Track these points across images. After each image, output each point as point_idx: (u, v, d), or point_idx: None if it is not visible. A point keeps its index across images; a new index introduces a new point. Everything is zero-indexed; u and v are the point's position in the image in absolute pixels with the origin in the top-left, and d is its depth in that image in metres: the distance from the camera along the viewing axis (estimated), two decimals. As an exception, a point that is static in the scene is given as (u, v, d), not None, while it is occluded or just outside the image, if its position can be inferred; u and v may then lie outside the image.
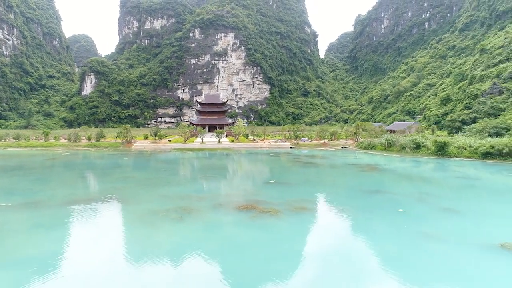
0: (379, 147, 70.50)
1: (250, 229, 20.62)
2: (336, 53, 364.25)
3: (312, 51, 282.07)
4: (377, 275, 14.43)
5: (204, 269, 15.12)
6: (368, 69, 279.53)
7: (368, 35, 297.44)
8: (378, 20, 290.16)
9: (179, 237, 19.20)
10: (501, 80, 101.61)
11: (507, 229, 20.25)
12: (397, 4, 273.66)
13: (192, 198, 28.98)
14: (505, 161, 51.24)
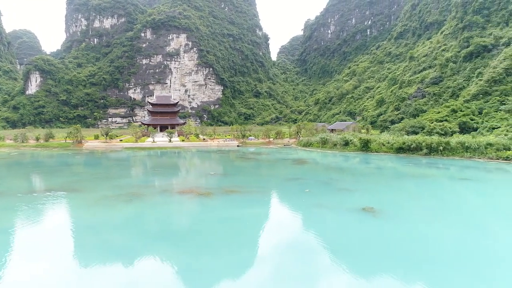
0: (315, 144, 78.86)
1: (186, 205, 26.48)
2: (288, 56, 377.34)
3: (264, 54, 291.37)
4: (279, 229, 20.95)
5: (147, 233, 20.74)
6: (316, 72, 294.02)
7: (316, 39, 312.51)
8: (325, 25, 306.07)
9: (128, 212, 24.52)
10: (424, 85, 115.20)
11: (372, 199, 27.89)
12: (342, 11, 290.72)
13: (141, 187, 34.07)
14: (413, 154, 61.18)
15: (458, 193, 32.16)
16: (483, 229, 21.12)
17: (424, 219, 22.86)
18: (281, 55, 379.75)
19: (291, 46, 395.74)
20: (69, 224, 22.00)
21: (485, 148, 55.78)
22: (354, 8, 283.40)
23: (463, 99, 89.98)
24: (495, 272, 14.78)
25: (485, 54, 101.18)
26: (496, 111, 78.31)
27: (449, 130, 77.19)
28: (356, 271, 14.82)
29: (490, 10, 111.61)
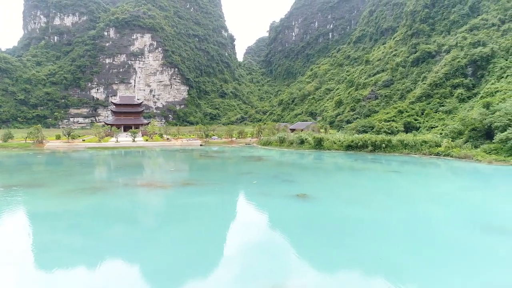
0: (274, 143, 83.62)
1: (144, 195, 29.85)
2: (254, 57, 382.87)
3: (230, 54, 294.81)
4: (225, 211, 24.87)
5: (108, 217, 24.03)
6: (281, 73, 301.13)
7: (281, 41, 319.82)
8: (290, 28, 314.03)
9: (91, 202, 27.53)
10: (377, 87, 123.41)
11: (308, 188, 32.55)
12: (306, 15, 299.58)
13: (104, 182, 36.89)
14: (360, 151, 67.20)
15: (382, 183, 37.51)
16: (391, 209, 26.08)
17: (347, 202, 27.64)
18: (247, 56, 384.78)
19: (257, 47, 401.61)
20: (33, 212, 24.76)
21: (421, 145, 62.63)
22: (317, 12, 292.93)
23: (409, 101, 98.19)
24: (394, 237, 19.46)
25: (429, 60, 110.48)
26: (435, 112, 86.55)
27: (395, 129, 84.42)
28: (286, 239, 19.03)
29: (434, 20, 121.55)
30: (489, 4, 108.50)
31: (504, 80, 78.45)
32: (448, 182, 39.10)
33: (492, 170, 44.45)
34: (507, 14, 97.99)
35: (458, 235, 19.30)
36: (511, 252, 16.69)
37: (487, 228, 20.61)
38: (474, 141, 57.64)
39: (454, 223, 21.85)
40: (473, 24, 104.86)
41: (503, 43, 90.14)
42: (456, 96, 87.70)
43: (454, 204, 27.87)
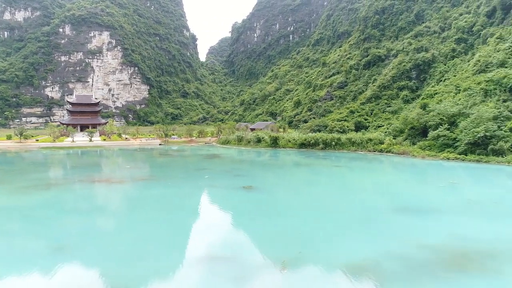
0: (233, 142, 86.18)
1: (99, 189, 31.31)
2: (217, 57, 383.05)
3: (192, 54, 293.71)
4: (176, 201, 26.99)
5: (63, 209, 25.47)
6: (243, 74, 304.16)
7: (243, 42, 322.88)
8: (252, 29, 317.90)
9: (45, 196, 28.66)
10: (332, 88, 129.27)
11: (255, 181, 35.43)
12: (267, 17, 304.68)
13: (58, 179, 37.69)
14: (312, 149, 71.32)
15: (325, 176, 41.18)
16: (325, 196, 29.41)
17: (287, 192, 30.73)
18: (210, 56, 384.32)
19: (220, 47, 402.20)
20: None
21: (366, 143, 67.74)
22: (278, 14, 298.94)
23: (360, 102, 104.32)
24: (319, 218, 22.52)
25: (379, 63, 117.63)
26: (383, 112, 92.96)
27: (346, 129, 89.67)
28: (232, 222, 21.59)
29: (384, 25, 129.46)
30: (432, 13, 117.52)
31: (442, 83, 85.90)
32: (382, 174, 43.53)
33: (423, 164, 49.65)
34: (447, 22, 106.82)
35: (377, 215, 22.74)
36: (415, 224, 20.23)
37: (404, 209, 24.21)
38: (412, 139, 63.34)
39: (378, 206, 25.38)
40: (418, 31, 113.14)
41: (442, 49, 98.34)
42: (401, 98, 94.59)
43: (382, 191, 31.78)
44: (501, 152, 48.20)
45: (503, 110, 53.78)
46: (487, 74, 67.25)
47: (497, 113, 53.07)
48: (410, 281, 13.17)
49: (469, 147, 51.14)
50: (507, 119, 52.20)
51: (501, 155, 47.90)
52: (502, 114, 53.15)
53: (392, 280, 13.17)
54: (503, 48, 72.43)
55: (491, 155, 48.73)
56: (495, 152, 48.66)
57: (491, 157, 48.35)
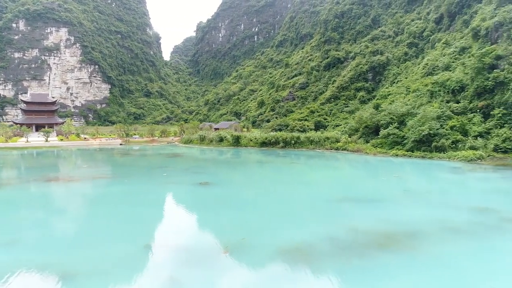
0: (195, 141, 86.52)
1: (52, 188, 31.12)
2: (182, 56, 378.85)
3: (155, 53, 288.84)
4: (134, 197, 27.46)
5: (13, 206, 25.33)
6: (208, 73, 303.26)
7: (208, 42, 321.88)
8: (216, 29, 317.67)
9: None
10: (294, 89, 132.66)
11: (212, 177, 36.50)
12: (232, 17, 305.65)
13: (10, 178, 36.80)
14: (273, 147, 73.22)
15: (280, 172, 42.97)
16: (277, 190, 30.98)
17: (241, 187, 32.08)
18: (174, 55, 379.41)
19: (184, 47, 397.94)
20: None
21: (324, 141, 70.58)
22: (243, 14, 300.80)
23: (320, 102, 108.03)
24: (273, 210, 23.95)
25: (339, 65, 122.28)
26: (340, 112, 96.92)
27: (307, 128, 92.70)
28: (184, 214, 22.51)
29: (343, 29, 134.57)
30: (387, 18, 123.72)
31: (395, 85, 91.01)
32: (334, 170, 45.99)
33: (375, 160, 52.78)
34: (400, 27, 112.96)
35: (322, 204, 24.51)
36: (352, 212, 22.12)
37: (346, 199, 26.15)
38: (366, 137, 66.83)
39: (324, 197, 27.17)
40: (374, 35, 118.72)
41: (396, 52, 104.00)
42: (358, 98, 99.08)
43: (331, 185, 33.87)
44: (443, 148, 52.24)
45: (446, 110, 58.19)
46: (434, 76, 72.22)
47: (440, 113, 57.33)
48: (336, 258, 14.84)
49: (415, 144, 54.94)
50: (448, 118, 56.55)
51: (443, 151, 51.92)
52: (445, 113, 57.49)
53: (321, 258, 14.77)
54: (448, 52, 77.94)
55: (434, 151, 52.67)
56: (437, 149, 52.64)
57: (434, 153, 52.27)
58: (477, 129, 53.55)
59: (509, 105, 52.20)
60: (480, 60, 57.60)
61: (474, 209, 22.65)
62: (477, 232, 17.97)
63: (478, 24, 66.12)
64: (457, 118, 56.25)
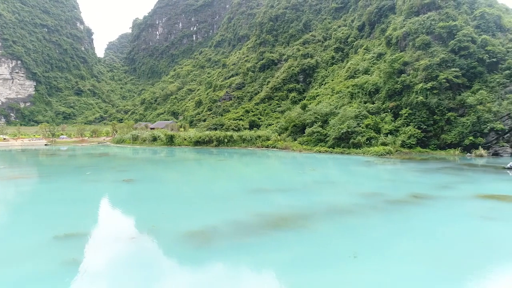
0: (127, 141, 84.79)
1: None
2: (117, 53, 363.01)
3: (87, 49, 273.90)
4: (54, 193, 27.14)
5: None
6: (145, 72, 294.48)
7: (145, 39, 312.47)
8: (154, 26, 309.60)
9: None
10: (231, 89, 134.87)
11: (137, 175, 37.10)
12: (169, 15, 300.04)
13: None
14: (207, 146, 74.55)
15: (206, 168, 44.66)
16: (198, 185, 32.56)
17: (165, 183, 33.19)
18: (109, 52, 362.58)
19: (120, 43, 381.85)
20: None
21: (256, 139, 73.56)
22: (181, 13, 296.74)
23: (255, 102, 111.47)
24: (188, 201, 25.35)
25: (273, 67, 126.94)
26: (273, 112, 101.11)
27: (241, 127, 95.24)
28: (101, 209, 23.05)
29: (277, 32, 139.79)
30: (317, 23, 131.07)
31: (323, 87, 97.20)
32: (258, 165, 48.65)
33: (300, 156, 56.56)
34: (328, 33, 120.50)
35: (235, 195, 26.60)
36: (260, 200, 24.41)
37: (260, 190, 28.52)
38: (294, 135, 71.00)
39: (240, 189, 29.34)
40: (305, 39, 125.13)
41: (324, 56, 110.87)
42: (290, 99, 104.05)
43: (250, 178, 36.24)
44: (359, 145, 57.67)
45: (362, 110, 64.07)
46: (355, 79, 78.75)
47: (358, 113, 62.99)
48: (235, 237, 16.86)
49: (336, 141, 59.89)
50: (365, 118, 62.35)
51: (359, 147, 57.31)
52: (362, 113, 63.29)
53: (221, 238, 16.71)
54: (368, 58, 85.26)
55: (352, 147, 57.92)
56: (354, 145, 57.96)
57: (352, 149, 57.48)
58: (388, 127, 59.82)
59: (414, 105, 59.09)
60: (390, 66, 64.39)
61: (365, 194, 26.28)
62: (356, 211, 21.24)
63: (391, 33, 73.59)
64: (372, 117, 62.27)
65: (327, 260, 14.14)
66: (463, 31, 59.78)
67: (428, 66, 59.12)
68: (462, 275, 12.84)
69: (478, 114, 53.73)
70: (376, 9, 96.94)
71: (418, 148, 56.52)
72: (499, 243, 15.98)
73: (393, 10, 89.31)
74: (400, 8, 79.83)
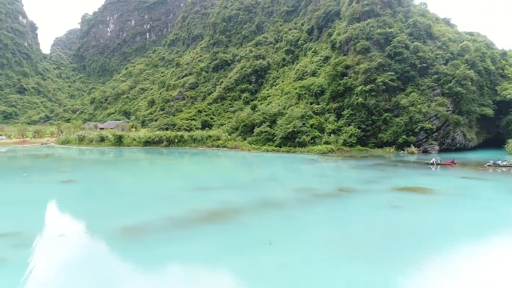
0: (73, 141, 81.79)
1: None
2: (65, 49, 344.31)
3: (30, 45, 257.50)
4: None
5: None
6: (96, 70, 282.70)
7: (95, 36, 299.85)
8: (104, 23, 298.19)
9: None
10: (185, 89, 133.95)
11: (77, 176, 36.71)
12: (121, 11, 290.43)
13: None
14: (156, 146, 73.94)
15: (152, 168, 44.91)
16: (140, 184, 32.93)
17: (105, 183, 33.21)
18: (56, 48, 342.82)
19: (68, 39, 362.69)
20: None
21: (207, 139, 74.30)
22: (133, 10, 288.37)
23: (207, 102, 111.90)
24: (127, 199, 25.73)
25: (226, 67, 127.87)
26: (226, 112, 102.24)
27: (193, 127, 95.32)
28: (35, 208, 22.88)
29: (231, 33, 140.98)
30: (269, 25, 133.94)
31: (274, 88, 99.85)
32: (205, 164, 49.70)
33: (249, 155, 58.19)
34: (280, 35, 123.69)
35: (177, 192, 27.46)
36: (200, 197, 25.48)
37: (201, 188, 29.56)
38: (244, 135, 72.59)
39: (183, 187, 30.22)
40: (258, 40, 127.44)
41: (276, 58, 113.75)
42: (242, 99, 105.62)
43: (195, 177, 37.19)
44: (304, 144, 60.40)
45: (308, 110, 67.05)
46: (302, 81, 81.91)
47: (304, 113, 65.85)
48: (166, 230, 17.88)
49: (283, 141, 62.25)
50: (310, 118, 65.32)
51: (304, 146, 60.02)
52: (307, 113, 66.22)
53: (152, 232, 17.65)
54: (315, 60, 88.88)
55: (297, 146, 60.52)
56: (300, 144, 60.62)
57: (297, 148, 60.09)
58: (331, 126, 63.18)
59: (355, 106, 62.91)
60: (334, 69, 67.97)
61: (298, 189, 28.30)
62: (285, 205, 23.14)
63: (335, 37, 77.48)
64: (317, 117, 65.40)
65: (244, 248, 15.64)
66: (398, 38, 64.62)
67: (367, 69, 63.24)
68: (365, 255, 14.81)
69: (410, 114, 58.49)
70: (323, 14, 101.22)
71: (358, 146, 60.32)
72: (398, 227, 18.40)
73: (339, 15, 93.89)
74: (344, 14, 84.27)
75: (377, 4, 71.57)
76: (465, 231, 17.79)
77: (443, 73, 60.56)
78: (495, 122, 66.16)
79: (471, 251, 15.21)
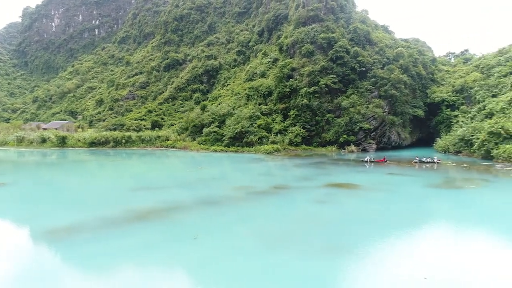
0: (11, 143, 77.41)
1: None
2: (4, 44, 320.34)
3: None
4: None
5: None
6: (39, 67, 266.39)
7: (38, 31, 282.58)
8: (49, 17, 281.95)
9: None
10: (135, 88, 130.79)
11: (10, 178, 35.40)
12: (67, 6, 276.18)
13: None
14: (103, 147, 72.17)
15: (92, 169, 44.21)
16: (79, 186, 32.56)
17: (41, 185, 32.39)
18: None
19: (7, 34, 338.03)
20: None
21: (155, 140, 73.73)
22: (81, 4, 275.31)
23: (158, 102, 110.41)
24: (66, 201, 25.43)
25: (178, 67, 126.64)
26: (176, 112, 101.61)
27: (143, 127, 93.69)
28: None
29: (183, 32, 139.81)
30: (221, 26, 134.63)
31: (225, 88, 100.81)
32: (149, 165, 49.58)
33: (197, 156, 58.72)
34: (231, 36, 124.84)
35: (116, 193, 27.55)
36: (139, 197, 25.83)
37: (142, 188, 29.78)
38: (193, 135, 72.99)
39: (123, 187, 30.23)
40: (210, 41, 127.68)
41: (227, 58, 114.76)
42: (194, 99, 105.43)
43: (137, 177, 37.23)
44: (252, 144, 62.12)
45: (256, 111, 68.88)
46: (252, 82, 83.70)
47: (252, 114, 67.57)
48: (98, 230, 18.24)
49: (231, 141, 63.57)
50: (258, 118, 67.18)
51: (251, 146, 61.75)
52: (255, 114, 68.03)
53: (82, 231, 17.93)
54: (265, 62, 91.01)
55: (245, 146, 62.13)
56: (247, 144, 62.26)
57: (245, 148, 61.69)
58: (278, 127, 65.45)
59: (300, 107, 65.65)
60: (281, 71, 70.36)
61: (237, 188, 29.62)
62: (220, 202, 24.28)
63: (283, 40, 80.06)
64: (264, 118, 67.41)
65: (171, 243, 16.55)
66: (339, 43, 68.33)
67: (311, 72, 66.26)
68: (284, 245, 16.17)
69: (350, 115, 62.24)
70: (273, 17, 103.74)
71: (303, 146, 63.13)
72: (317, 220, 20.23)
73: (287, 19, 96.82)
74: (291, 18, 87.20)
75: (321, 10, 75.03)
76: (379, 222, 19.95)
77: (380, 77, 65.05)
78: (426, 123, 72.23)
79: (382, 239, 17.23)
